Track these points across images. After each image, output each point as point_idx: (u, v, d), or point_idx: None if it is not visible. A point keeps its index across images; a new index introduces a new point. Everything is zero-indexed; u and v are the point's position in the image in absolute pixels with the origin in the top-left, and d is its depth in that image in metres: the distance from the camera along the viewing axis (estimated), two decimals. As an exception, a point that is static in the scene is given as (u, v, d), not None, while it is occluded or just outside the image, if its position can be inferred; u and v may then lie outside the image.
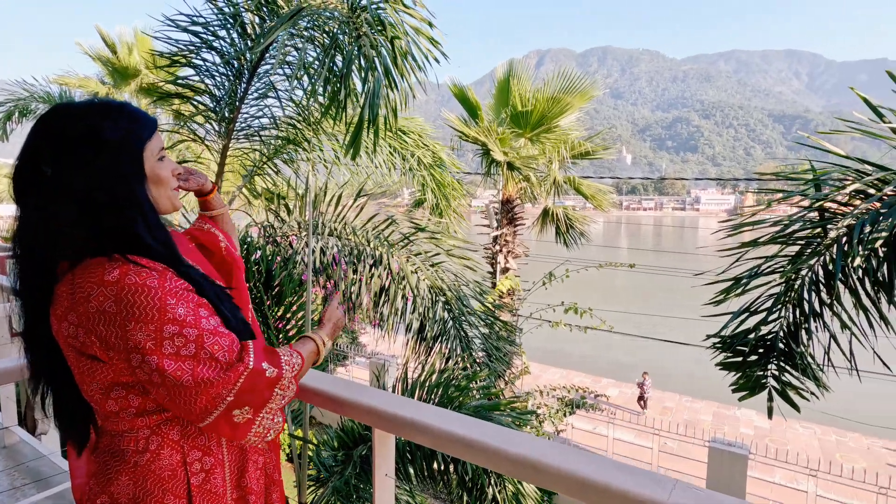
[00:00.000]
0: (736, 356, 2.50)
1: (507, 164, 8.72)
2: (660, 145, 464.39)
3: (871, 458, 13.50)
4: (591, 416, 12.29)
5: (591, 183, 9.46)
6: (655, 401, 18.03)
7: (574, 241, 9.99)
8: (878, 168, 2.00)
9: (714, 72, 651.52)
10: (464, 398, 3.33)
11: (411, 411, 1.40)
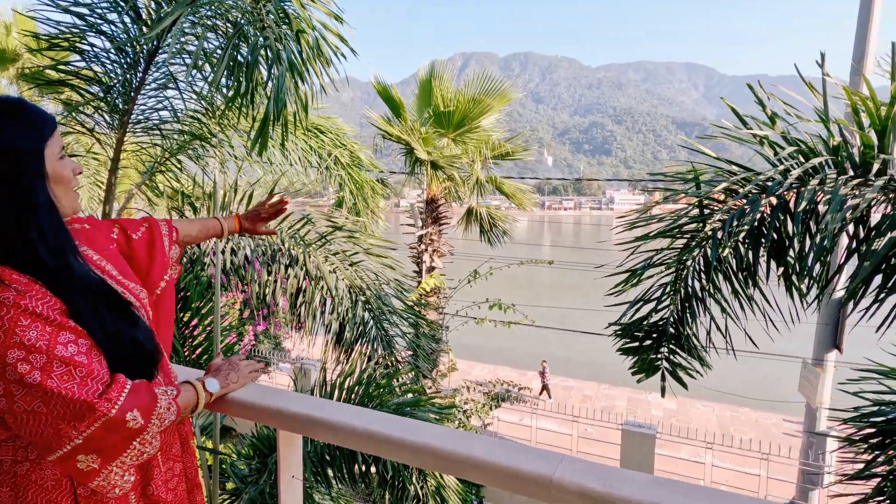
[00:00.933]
0: (633, 342, 2.72)
1: (431, 164, 8.81)
2: (578, 148, 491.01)
3: (759, 429, 15.20)
4: (516, 409, 12.76)
5: (512, 182, 9.81)
6: (577, 390, 19.06)
7: (497, 240, 10.30)
8: (744, 169, 2.27)
9: (625, 80, 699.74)
10: (384, 396, 3.32)
11: (312, 408, 1.38)
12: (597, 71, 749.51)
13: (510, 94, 8.78)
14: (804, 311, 2.39)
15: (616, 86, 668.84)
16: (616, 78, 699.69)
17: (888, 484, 2.90)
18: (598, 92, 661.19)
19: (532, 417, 11.75)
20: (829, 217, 1.66)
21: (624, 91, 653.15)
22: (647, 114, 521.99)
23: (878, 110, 1.83)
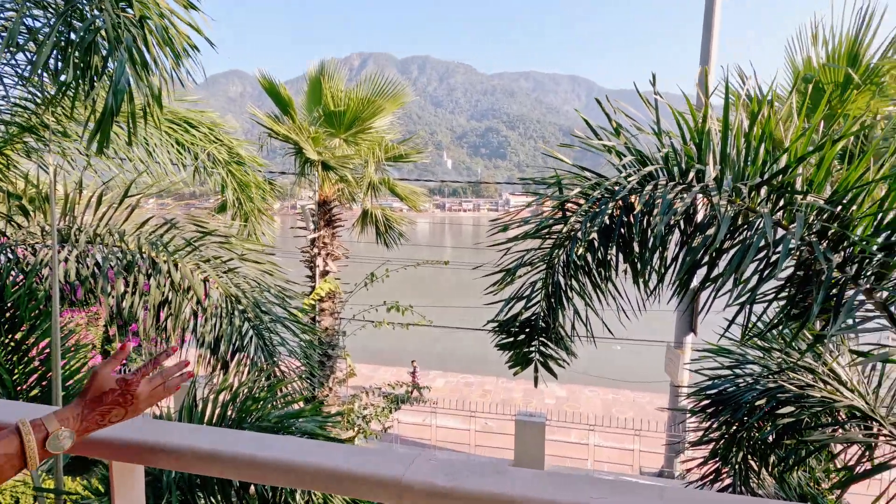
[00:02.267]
0: (509, 337, 2.88)
1: (322, 164, 8.53)
2: (475, 152, 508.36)
3: (636, 408, 16.92)
4: (418, 409, 12.85)
5: (406, 185, 9.86)
6: (477, 385, 19.71)
7: (394, 242, 10.28)
8: (597, 175, 2.51)
9: (516, 88, 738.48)
10: (265, 410, 3.14)
11: (154, 434, 1.25)
12: (491, 78, 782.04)
13: (404, 96, 8.81)
14: (669, 300, 2.69)
15: (509, 93, 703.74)
16: (508, 86, 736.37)
17: (721, 447, 3.36)
18: (493, 98, 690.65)
19: (432, 416, 11.91)
20: (657, 218, 1.90)
21: (516, 99, 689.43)
22: (537, 121, 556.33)
23: (696, 125, 2.15)
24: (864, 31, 6.15)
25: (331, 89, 8.39)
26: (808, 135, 1.86)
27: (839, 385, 2.45)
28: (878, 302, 1.76)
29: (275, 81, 8.85)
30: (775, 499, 3.44)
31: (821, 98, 6.75)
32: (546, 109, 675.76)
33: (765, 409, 2.60)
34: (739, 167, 2.14)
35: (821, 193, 1.94)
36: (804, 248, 1.88)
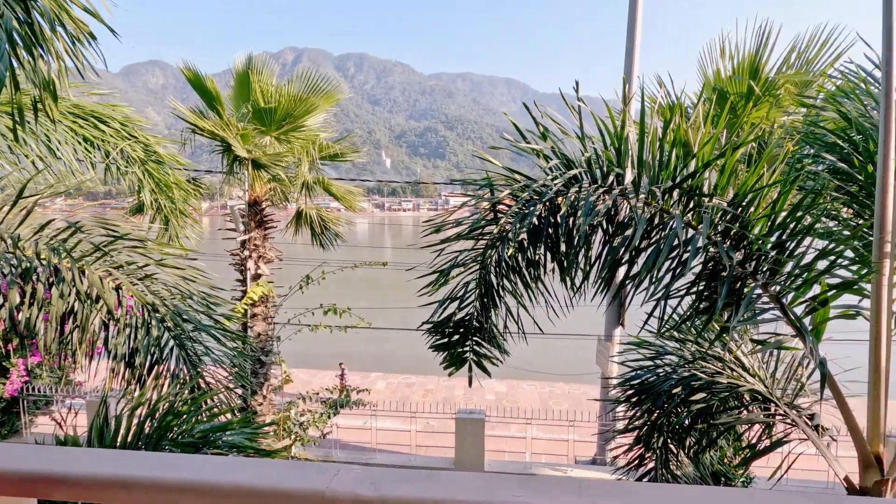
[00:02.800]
0: (443, 338, 2.90)
1: (253, 163, 8.15)
2: (414, 151, 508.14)
3: (571, 400, 17.63)
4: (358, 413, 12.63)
5: (342, 184, 9.65)
6: (419, 385, 19.70)
7: (330, 243, 10.03)
8: (526, 178, 2.58)
9: (454, 89, 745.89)
10: (187, 424, 2.95)
11: (46, 462, 1.13)
12: (429, 78, 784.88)
13: (338, 94, 8.61)
14: (593, 296, 2.80)
15: (447, 94, 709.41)
16: (446, 87, 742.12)
17: (644, 433, 3.56)
18: (431, 98, 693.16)
19: (373, 419, 11.76)
20: (580, 220, 1.99)
21: (454, 100, 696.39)
22: (474, 122, 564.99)
23: (615, 132, 2.27)
24: (763, 48, 6.77)
25: (260, 85, 8.03)
26: (713, 142, 2.02)
27: (743, 371, 2.68)
28: (772, 295, 1.94)
29: (200, 73, 8.34)
30: (693, 479, 3.70)
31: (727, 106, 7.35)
32: (483, 111, 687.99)
33: (681, 396, 2.80)
34: (654, 171, 2.28)
35: (724, 196, 2.10)
36: (711, 246, 2.02)
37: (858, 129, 2.35)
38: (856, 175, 2.33)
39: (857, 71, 2.64)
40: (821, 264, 1.95)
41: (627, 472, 3.94)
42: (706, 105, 7.46)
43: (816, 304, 1.93)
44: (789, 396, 2.54)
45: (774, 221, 1.94)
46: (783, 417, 2.37)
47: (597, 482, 1.09)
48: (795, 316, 1.95)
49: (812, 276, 1.90)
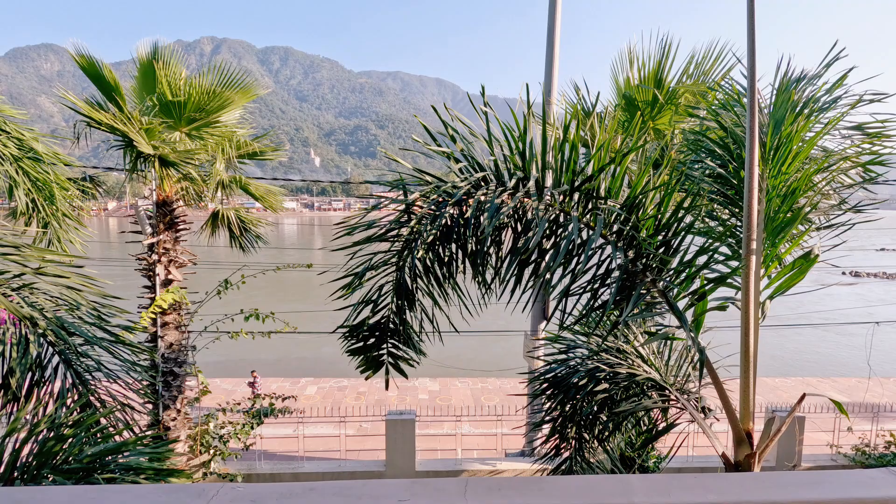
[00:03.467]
0: (359, 342, 2.85)
1: (160, 160, 7.55)
2: (344, 150, 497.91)
3: (503, 395, 18.11)
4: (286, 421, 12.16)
5: (263, 184, 9.22)
6: (352, 388, 19.34)
7: (251, 245, 9.55)
8: (438, 179, 2.60)
9: (385, 88, 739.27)
10: (74, 449, 2.67)
11: None
12: (359, 76, 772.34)
13: (256, 89, 8.20)
14: (510, 294, 2.86)
15: (377, 92, 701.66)
16: (377, 85, 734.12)
17: (559, 424, 3.72)
18: (361, 97, 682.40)
19: (301, 426, 11.37)
20: (485, 222, 2.04)
21: (385, 98, 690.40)
22: (406, 121, 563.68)
23: (521, 138, 2.35)
24: (665, 59, 7.32)
25: (167, 76, 7.46)
26: (606, 147, 2.15)
27: (641, 361, 2.88)
28: (660, 290, 2.10)
29: (96, 61, 7.59)
30: (606, 466, 3.92)
31: (636, 113, 7.88)
32: (414, 110, 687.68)
33: (588, 387, 2.95)
34: (558, 174, 2.39)
35: (618, 199, 2.25)
36: (606, 246, 2.15)
37: (733, 137, 2.61)
38: (731, 179, 2.60)
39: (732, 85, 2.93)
40: (700, 261, 2.15)
41: (546, 461, 4.10)
42: (619, 111, 7.95)
43: (696, 298, 2.12)
44: (680, 382, 2.76)
45: (660, 222, 2.10)
46: (675, 402, 2.57)
47: (484, 480, 1.11)
48: (678, 309, 2.13)
49: (693, 271, 2.09)
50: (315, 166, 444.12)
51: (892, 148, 2.76)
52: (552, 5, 11.39)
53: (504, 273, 2.45)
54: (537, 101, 9.74)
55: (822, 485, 1.11)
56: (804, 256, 2.40)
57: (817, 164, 2.57)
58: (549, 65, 12.27)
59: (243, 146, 8.64)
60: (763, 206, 2.35)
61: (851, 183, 2.83)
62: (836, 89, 2.72)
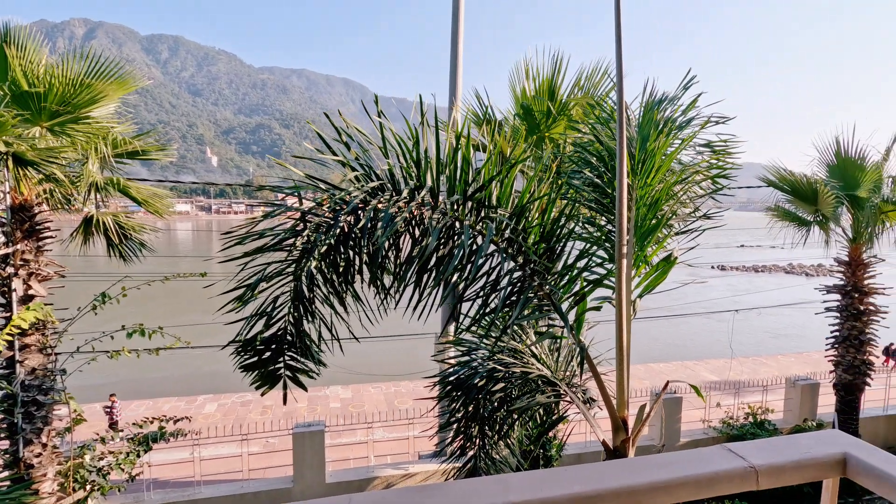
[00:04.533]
0: (254, 356, 2.71)
1: (15, 158, 6.56)
2: (245, 149, 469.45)
3: (416, 397, 18.15)
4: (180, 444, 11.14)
5: (146, 186, 8.38)
6: (257, 402, 18.23)
7: (132, 254, 8.63)
8: (333, 187, 2.55)
9: (289, 85, 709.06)
10: None
11: None
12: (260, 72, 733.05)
13: (132, 81, 7.43)
14: (407, 300, 2.87)
15: (281, 90, 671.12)
16: (280, 82, 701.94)
17: (462, 425, 3.81)
18: (263, 93, 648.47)
19: (198, 449, 10.50)
20: (379, 231, 2.04)
21: (289, 96, 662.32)
22: (312, 121, 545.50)
23: (415, 147, 2.39)
24: (557, 73, 7.83)
25: (21, 62, 6.52)
26: (495, 158, 2.26)
27: (534, 360, 3.06)
28: (545, 293, 2.25)
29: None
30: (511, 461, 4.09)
31: (534, 123, 8.33)
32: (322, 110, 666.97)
33: (487, 387, 3.07)
34: (451, 183, 2.46)
35: (507, 207, 2.37)
36: (497, 253, 2.25)
37: (609, 151, 2.89)
38: (607, 189, 2.87)
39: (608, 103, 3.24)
40: (581, 264, 2.34)
41: (453, 461, 4.19)
42: (517, 120, 8.35)
43: (577, 299, 2.31)
44: (569, 377, 2.98)
45: (545, 229, 2.25)
46: (565, 395, 2.77)
47: (368, 494, 1.12)
48: (561, 310, 2.30)
49: (574, 275, 2.28)
50: (212, 166, 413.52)
51: (734, 163, 3.24)
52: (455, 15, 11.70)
53: (403, 279, 2.47)
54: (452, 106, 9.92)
55: (671, 466, 1.26)
56: (666, 259, 2.72)
57: (676, 177, 2.94)
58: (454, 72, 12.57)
59: (122, 144, 7.80)
60: (633, 213, 2.63)
61: (704, 193, 3.27)
62: (690, 111, 3.14)
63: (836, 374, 11.48)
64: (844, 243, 11.09)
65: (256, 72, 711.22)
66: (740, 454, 1.25)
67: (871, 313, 11.04)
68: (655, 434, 11.03)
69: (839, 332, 11.33)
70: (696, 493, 1.21)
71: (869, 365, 11.10)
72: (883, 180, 10.64)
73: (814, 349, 23.90)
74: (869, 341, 11.08)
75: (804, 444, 1.28)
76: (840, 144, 10.53)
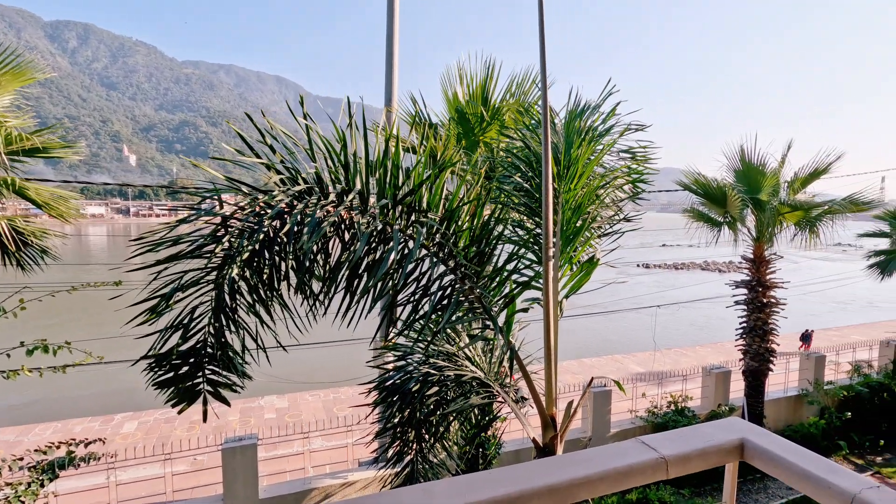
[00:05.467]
0: (170, 372, 2.52)
1: None
2: (168, 148, 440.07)
3: (355, 402, 17.77)
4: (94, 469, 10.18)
5: (46, 187, 7.60)
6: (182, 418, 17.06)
7: (32, 262, 7.79)
8: (257, 190, 2.43)
9: (216, 81, 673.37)
10: None
11: None
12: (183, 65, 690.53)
13: (29, 72, 6.73)
14: (341, 304, 2.78)
15: (207, 86, 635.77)
16: (207, 77, 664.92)
17: (399, 430, 3.77)
18: (188, 89, 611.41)
19: (112, 473, 9.66)
20: (305, 237, 1.97)
21: (217, 93, 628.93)
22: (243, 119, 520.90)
23: (343, 150, 2.34)
24: (490, 78, 7.99)
25: None
26: (425, 161, 2.26)
27: (468, 362, 3.09)
28: (476, 297, 2.27)
29: None
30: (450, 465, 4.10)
31: (468, 127, 8.45)
32: (252, 108, 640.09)
33: (422, 391, 3.06)
34: (382, 187, 2.42)
35: (438, 212, 2.37)
36: (428, 258, 2.25)
37: (536, 155, 2.99)
38: (535, 193, 2.97)
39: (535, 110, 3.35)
40: (510, 267, 2.39)
41: (391, 466, 4.14)
42: (452, 124, 8.43)
43: (507, 301, 2.36)
44: (502, 377, 3.04)
45: (475, 233, 2.28)
46: (497, 396, 2.82)
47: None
48: (490, 312, 2.34)
49: (503, 278, 2.32)
50: (130, 165, 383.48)
51: (652, 168, 3.47)
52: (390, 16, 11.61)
53: (333, 284, 2.40)
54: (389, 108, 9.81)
55: (590, 462, 1.31)
56: (589, 260, 2.86)
57: (599, 181, 3.10)
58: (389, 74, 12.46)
59: (17, 140, 7.03)
60: (560, 216, 2.73)
61: (626, 196, 3.47)
62: (610, 119, 3.32)
63: (744, 361, 12.58)
64: (750, 242, 12.19)
65: (179, 65, 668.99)
66: (652, 446, 1.32)
67: (772, 305, 12.20)
68: (589, 426, 11.52)
69: (746, 323, 12.44)
70: (615, 485, 1.27)
71: (771, 352, 12.27)
72: (780, 185, 11.83)
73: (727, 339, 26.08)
74: (771, 331, 12.24)
75: (707, 433, 1.38)
76: (744, 152, 11.58)
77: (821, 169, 11.86)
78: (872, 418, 14.02)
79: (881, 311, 36.72)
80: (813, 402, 14.12)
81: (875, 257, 15.73)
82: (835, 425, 13.53)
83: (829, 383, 14.70)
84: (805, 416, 14.09)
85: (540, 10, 2.41)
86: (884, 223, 15.60)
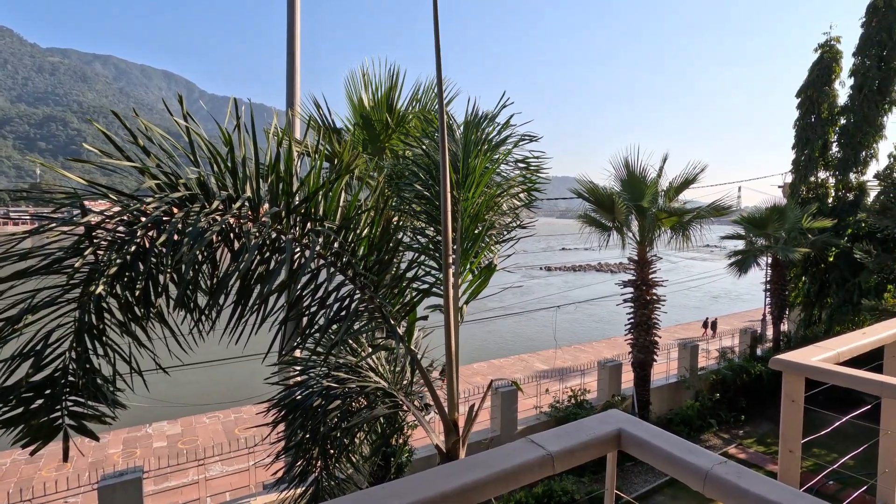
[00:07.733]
0: (19, 407, 2.15)
1: None
2: (30, 146, 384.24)
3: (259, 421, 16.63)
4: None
5: None
6: (49, 457, 14.83)
7: None
8: (129, 197, 2.18)
9: (91, 73, 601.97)
10: None
11: None
12: (49, 53, 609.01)
13: None
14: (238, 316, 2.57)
15: (80, 77, 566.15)
16: (79, 68, 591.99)
17: (302, 448, 3.60)
18: (55, 80, 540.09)
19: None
20: (185, 247, 1.81)
21: (92, 86, 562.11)
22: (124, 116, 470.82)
23: (230, 154, 2.19)
24: (395, 86, 8.00)
25: None
26: (318, 170, 2.18)
27: (372, 373, 3.04)
28: (376, 306, 2.24)
29: None
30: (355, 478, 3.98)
31: (374, 134, 8.37)
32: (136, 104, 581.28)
33: (324, 406, 2.95)
34: (275, 194, 2.30)
35: (335, 220, 2.31)
36: (325, 268, 2.17)
37: (436, 164, 3.04)
38: (435, 201, 3.02)
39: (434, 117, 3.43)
40: (410, 274, 2.40)
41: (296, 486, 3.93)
42: (357, 129, 8.29)
43: (407, 309, 2.36)
44: (406, 386, 3.03)
45: (374, 240, 2.25)
46: (402, 405, 2.80)
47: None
48: (390, 321, 2.32)
49: (403, 285, 2.32)
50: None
51: (544, 176, 3.70)
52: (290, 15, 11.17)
53: (221, 297, 2.22)
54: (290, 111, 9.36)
55: (485, 464, 1.33)
56: (487, 266, 2.97)
57: (496, 189, 3.23)
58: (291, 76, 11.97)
59: None
60: (459, 224, 2.80)
61: (522, 203, 3.65)
62: (505, 130, 3.49)
63: (633, 354, 13.82)
64: (634, 245, 13.45)
65: (43, 53, 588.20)
66: (540, 444, 1.39)
67: (654, 302, 13.54)
68: (498, 426, 11.89)
69: (633, 318, 13.68)
70: (504, 487, 1.30)
71: (655, 344, 13.61)
72: (659, 193, 13.21)
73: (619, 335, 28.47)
74: (654, 325, 13.58)
75: (589, 427, 1.48)
76: (629, 163, 12.76)
77: (690, 178, 13.44)
78: (736, 397, 16.10)
79: (745, 303, 42.38)
80: (689, 387, 15.88)
81: (734, 256, 18.17)
82: (707, 406, 15.32)
83: (701, 369, 16.64)
84: (684, 400, 15.79)
85: (435, 17, 2.45)
86: (740, 227, 18.11)
